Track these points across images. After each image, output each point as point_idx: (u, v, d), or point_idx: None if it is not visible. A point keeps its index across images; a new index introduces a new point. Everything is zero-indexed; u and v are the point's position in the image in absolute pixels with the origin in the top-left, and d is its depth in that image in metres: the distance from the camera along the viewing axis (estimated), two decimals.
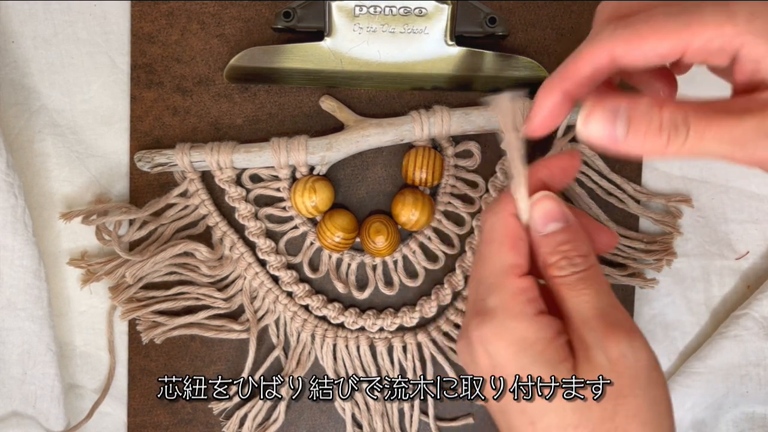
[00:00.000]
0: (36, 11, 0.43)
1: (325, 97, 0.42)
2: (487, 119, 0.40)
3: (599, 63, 0.29)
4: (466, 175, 0.43)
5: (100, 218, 0.42)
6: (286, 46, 0.41)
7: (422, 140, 0.41)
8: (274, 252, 0.43)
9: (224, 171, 0.42)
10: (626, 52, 0.29)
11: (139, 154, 0.42)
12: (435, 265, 0.44)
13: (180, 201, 0.43)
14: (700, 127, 0.27)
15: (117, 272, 0.42)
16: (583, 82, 0.30)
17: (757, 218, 0.44)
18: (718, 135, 0.27)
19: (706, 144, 0.27)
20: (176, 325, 0.43)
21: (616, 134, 0.28)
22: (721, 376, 0.43)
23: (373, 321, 0.43)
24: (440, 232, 0.43)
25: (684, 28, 0.28)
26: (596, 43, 0.29)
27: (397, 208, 0.42)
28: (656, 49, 0.28)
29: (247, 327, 0.43)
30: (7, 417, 0.42)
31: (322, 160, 0.41)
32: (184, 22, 0.43)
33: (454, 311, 0.44)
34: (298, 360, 0.44)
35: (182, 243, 0.42)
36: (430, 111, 0.41)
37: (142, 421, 0.45)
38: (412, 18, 0.40)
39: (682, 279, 0.44)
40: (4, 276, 0.41)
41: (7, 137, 0.43)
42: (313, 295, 0.44)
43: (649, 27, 0.28)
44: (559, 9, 0.42)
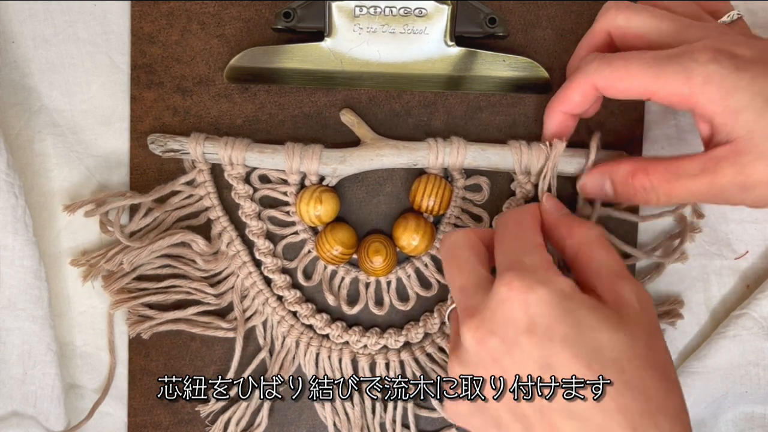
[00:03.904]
0: (36, 11, 0.43)
1: (346, 111, 0.42)
2: (502, 158, 0.41)
3: (585, 90, 0.37)
4: (472, 209, 0.43)
5: (103, 207, 0.42)
6: (286, 47, 0.41)
7: (435, 168, 0.41)
8: (271, 254, 0.43)
9: (235, 167, 0.42)
10: (605, 86, 0.36)
11: (153, 136, 0.42)
12: (428, 293, 0.44)
13: (185, 189, 0.43)
14: (665, 191, 0.35)
15: (116, 259, 0.42)
16: (575, 104, 0.38)
17: (756, 218, 0.44)
18: (682, 194, 0.34)
19: (674, 201, 0.35)
20: (164, 320, 0.43)
21: (606, 192, 0.38)
22: (721, 375, 0.43)
23: (357, 338, 0.43)
24: (438, 260, 0.43)
25: (651, 79, 0.34)
26: (583, 76, 0.36)
27: (398, 230, 0.42)
28: (629, 89, 0.35)
29: (235, 326, 0.43)
30: (7, 417, 0.42)
31: (334, 172, 0.41)
32: (184, 22, 0.43)
33: (440, 335, 0.44)
34: (282, 364, 0.44)
35: (180, 233, 0.42)
36: (447, 141, 0.41)
37: (142, 421, 0.45)
38: (412, 18, 0.40)
39: (682, 278, 0.45)
40: (4, 276, 0.41)
41: (7, 137, 0.43)
42: (303, 302, 0.44)
43: (625, 71, 0.35)
44: (559, 9, 0.42)
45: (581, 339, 0.31)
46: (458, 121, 0.43)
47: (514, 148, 0.40)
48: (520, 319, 0.32)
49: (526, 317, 0.32)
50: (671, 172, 0.34)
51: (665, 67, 0.34)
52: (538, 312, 0.31)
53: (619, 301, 0.33)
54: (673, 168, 0.34)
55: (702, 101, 0.33)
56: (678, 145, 0.44)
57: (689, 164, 0.34)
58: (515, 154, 0.40)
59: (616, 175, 0.37)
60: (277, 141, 0.43)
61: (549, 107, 0.40)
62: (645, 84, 0.34)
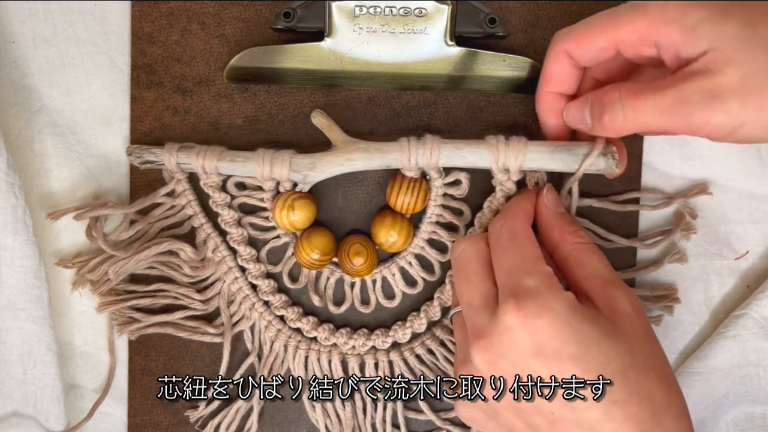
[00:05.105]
0: (36, 11, 0.43)
1: (317, 112, 0.41)
2: (479, 157, 0.39)
3: (561, 61, 0.37)
4: (453, 203, 0.42)
5: (87, 213, 0.42)
6: (286, 47, 0.41)
7: (410, 169, 0.40)
8: (254, 260, 0.43)
9: (209, 176, 0.41)
10: (574, 49, 0.36)
11: (131, 148, 0.42)
12: (413, 290, 0.44)
13: (166, 201, 0.43)
14: (632, 106, 0.33)
15: (100, 269, 0.42)
16: (557, 79, 0.37)
17: (756, 218, 0.44)
18: (648, 108, 0.32)
19: (641, 117, 0.33)
20: (151, 322, 0.43)
21: (585, 118, 0.36)
22: (721, 376, 0.43)
23: (345, 340, 0.43)
24: (423, 258, 0.43)
25: (609, 27, 0.34)
26: (553, 47, 0.37)
27: (375, 228, 0.42)
28: (595, 45, 0.35)
29: (222, 331, 0.43)
30: (7, 417, 0.42)
31: (305, 179, 0.40)
32: (184, 22, 0.43)
33: (430, 336, 0.44)
34: (270, 368, 0.44)
35: (168, 241, 0.42)
36: (420, 141, 0.39)
37: (142, 421, 0.45)
38: (412, 18, 0.40)
39: (682, 279, 0.45)
40: (4, 276, 0.41)
41: (7, 137, 0.43)
42: (289, 306, 0.44)
43: (586, 28, 0.35)
44: (559, 9, 0.42)
45: (588, 355, 0.32)
46: (458, 121, 0.43)
47: (491, 145, 0.39)
48: (528, 345, 0.32)
49: (534, 343, 0.32)
50: (640, 87, 0.33)
51: (622, 11, 0.34)
52: (545, 336, 0.32)
53: (615, 308, 0.34)
54: (643, 85, 0.33)
55: (662, 30, 0.32)
56: (679, 145, 0.44)
57: (660, 81, 0.33)
58: (492, 152, 0.39)
59: (594, 95, 0.35)
60: (277, 141, 0.43)
61: (537, 94, 0.39)
62: (608, 34, 0.34)
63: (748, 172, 0.44)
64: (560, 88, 0.38)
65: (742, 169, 0.44)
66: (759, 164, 0.44)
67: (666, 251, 0.44)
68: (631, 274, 0.43)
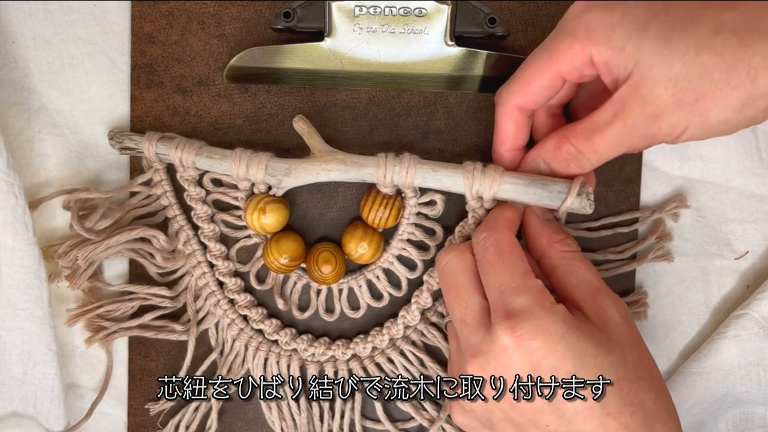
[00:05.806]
0: (36, 11, 0.43)
1: (299, 118, 0.40)
2: (453, 181, 0.39)
3: (513, 117, 0.37)
4: (426, 222, 0.42)
5: (68, 197, 0.41)
6: (286, 47, 0.41)
7: (385, 186, 0.40)
8: (223, 257, 0.43)
9: (186, 169, 0.41)
10: (524, 100, 0.36)
11: (112, 132, 0.42)
12: (378, 303, 0.44)
13: (143, 189, 0.43)
14: (590, 150, 0.35)
15: (71, 254, 0.41)
16: (513, 136, 0.38)
17: (756, 218, 0.44)
18: (604, 145, 0.34)
19: (604, 154, 0.35)
20: (117, 328, 0.43)
21: (543, 171, 0.37)
22: (721, 376, 0.43)
23: (305, 347, 0.43)
24: (391, 273, 0.43)
25: (549, 63, 0.34)
26: (501, 107, 0.38)
27: (346, 238, 0.42)
28: (540, 87, 0.35)
29: (188, 328, 0.43)
30: (7, 417, 0.42)
31: (279, 183, 0.40)
32: (184, 22, 0.43)
33: (392, 347, 0.43)
34: (230, 368, 0.44)
35: (140, 228, 0.42)
36: (397, 159, 0.39)
37: (142, 421, 0.45)
38: (412, 18, 0.40)
39: (682, 279, 0.45)
40: (4, 276, 0.41)
41: (7, 137, 0.43)
42: (253, 306, 0.44)
43: (528, 75, 0.36)
44: (559, 9, 0.42)
45: (584, 370, 0.32)
46: (458, 121, 0.43)
47: (467, 171, 0.38)
48: (524, 365, 0.33)
49: (530, 363, 0.33)
50: (588, 130, 0.34)
51: (554, 43, 0.34)
52: (541, 356, 0.32)
53: (605, 318, 0.34)
54: (589, 125, 0.34)
55: (594, 51, 0.33)
56: (677, 148, 0.44)
57: (601, 114, 0.34)
58: (467, 179, 0.38)
59: (545, 153, 0.37)
60: (277, 141, 0.43)
61: (494, 153, 0.40)
62: (550, 69, 0.34)
63: (748, 172, 0.44)
64: (516, 143, 0.38)
65: (742, 169, 0.44)
66: (759, 164, 0.44)
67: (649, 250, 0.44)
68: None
